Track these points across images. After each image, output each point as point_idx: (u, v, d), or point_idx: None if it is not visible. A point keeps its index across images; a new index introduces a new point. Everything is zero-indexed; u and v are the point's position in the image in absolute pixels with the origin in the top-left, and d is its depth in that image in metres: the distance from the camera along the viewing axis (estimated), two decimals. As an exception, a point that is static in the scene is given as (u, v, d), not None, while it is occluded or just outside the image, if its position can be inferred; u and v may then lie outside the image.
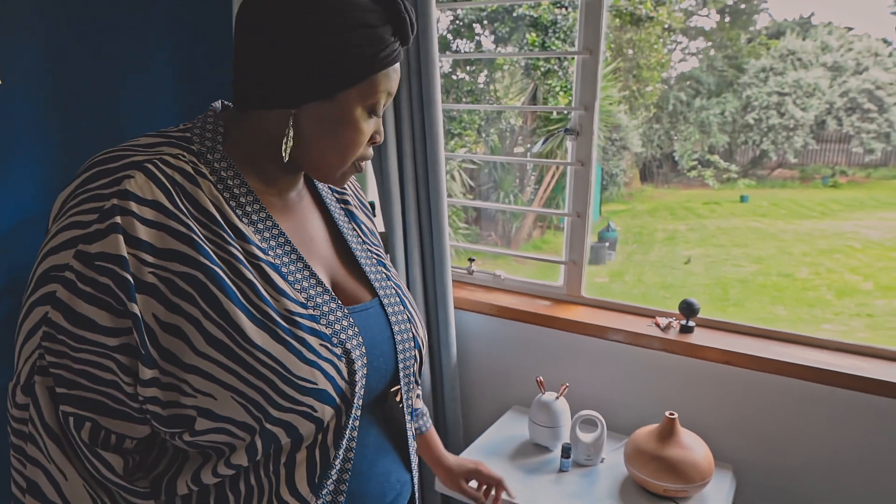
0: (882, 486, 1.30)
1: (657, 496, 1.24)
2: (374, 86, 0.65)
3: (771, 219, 9.05)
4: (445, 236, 1.62)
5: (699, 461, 1.21)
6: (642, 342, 1.49)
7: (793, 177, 11.59)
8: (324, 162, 0.67)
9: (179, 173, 0.62)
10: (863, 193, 10.23)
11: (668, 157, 11.99)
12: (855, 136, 10.66)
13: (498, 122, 6.59)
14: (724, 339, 1.45)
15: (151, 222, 0.58)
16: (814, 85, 10.96)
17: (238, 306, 0.59)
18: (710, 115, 11.52)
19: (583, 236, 1.67)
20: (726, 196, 10.72)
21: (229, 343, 0.59)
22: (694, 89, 11.98)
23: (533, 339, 1.67)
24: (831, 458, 1.34)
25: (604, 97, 7.93)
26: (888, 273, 6.45)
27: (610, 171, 10.44)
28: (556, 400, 1.40)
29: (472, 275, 1.86)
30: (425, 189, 1.62)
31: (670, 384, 1.50)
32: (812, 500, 1.37)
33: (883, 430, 1.28)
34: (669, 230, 8.88)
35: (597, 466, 1.35)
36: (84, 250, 0.56)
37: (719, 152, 11.30)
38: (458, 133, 6.06)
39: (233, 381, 0.59)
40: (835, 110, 10.88)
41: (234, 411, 0.59)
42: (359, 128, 0.66)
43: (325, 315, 0.66)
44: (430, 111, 1.55)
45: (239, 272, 0.61)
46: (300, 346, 0.61)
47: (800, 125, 11.04)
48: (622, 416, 1.55)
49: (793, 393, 1.36)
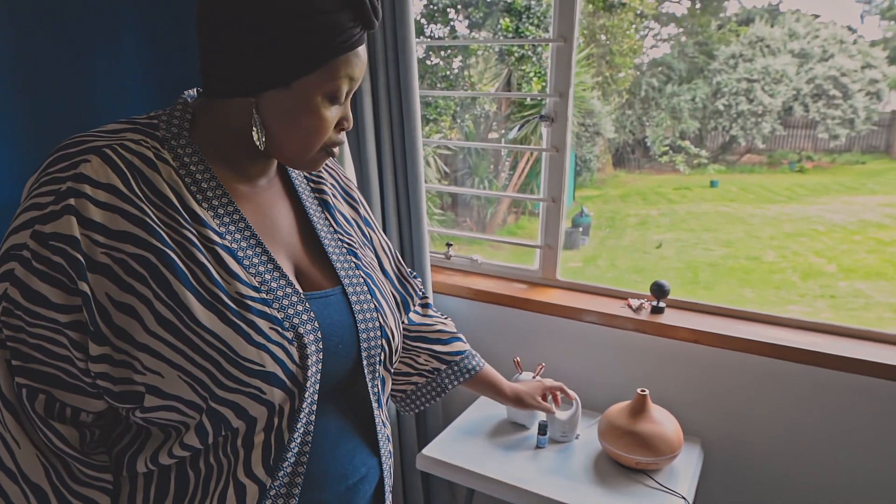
0: (842, 458, 1.37)
1: (630, 469, 1.29)
2: (333, 72, 0.65)
3: (740, 203, 9.25)
4: (424, 222, 1.64)
5: (669, 435, 1.27)
6: (615, 323, 1.54)
7: (761, 162, 11.83)
8: (289, 149, 0.68)
9: (139, 158, 0.64)
10: (828, 178, 10.51)
11: (640, 142, 12.14)
12: (821, 122, 10.92)
13: (472, 107, 6.59)
14: (692, 319, 1.51)
15: (105, 204, 0.60)
16: (781, 71, 11.17)
17: (188, 288, 0.62)
18: (682, 101, 11.68)
19: (558, 221, 1.71)
20: (697, 181, 10.91)
21: (177, 323, 0.61)
22: (665, 75, 12.12)
23: (510, 322, 1.71)
24: (793, 430, 1.41)
25: (577, 83, 7.98)
26: (850, 255, 6.67)
27: (583, 157, 10.53)
28: (533, 379, 1.44)
29: (449, 259, 1.89)
30: (403, 175, 1.64)
31: (642, 363, 1.55)
32: (775, 469, 1.44)
33: (842, 405, 1.35)
34: (641, 215, 9.02)
35: (572, 443, 1.40)
36: (39, 230, 0.59)
37: (690, 138, 11.48)
38: (433, 119, 6.05)
39: (179, 360, 0.61)
40: (801, 97, 11.12)
41: (181, 389, 0.61)
42: (320, 115, 0.66)
43: (279, 300, 0.67)
44: (408, 97, 1.56)
45: (192, 255, 0.63)
46: (248, 329, 0.63)
47: (768, 111, 11.26)
48: (596, 393, 1.61)
49: (757, 369, 1.42)
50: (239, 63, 0.63)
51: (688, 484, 1.26)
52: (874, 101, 11.20)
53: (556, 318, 1.64)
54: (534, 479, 1.25)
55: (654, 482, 1.25)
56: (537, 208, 2.23)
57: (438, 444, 1.38)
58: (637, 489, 1.23)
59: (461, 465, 1.30)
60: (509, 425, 1.47)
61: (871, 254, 6.61)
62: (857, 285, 5.94)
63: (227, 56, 0.64)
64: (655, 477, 1.27)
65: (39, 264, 0.59)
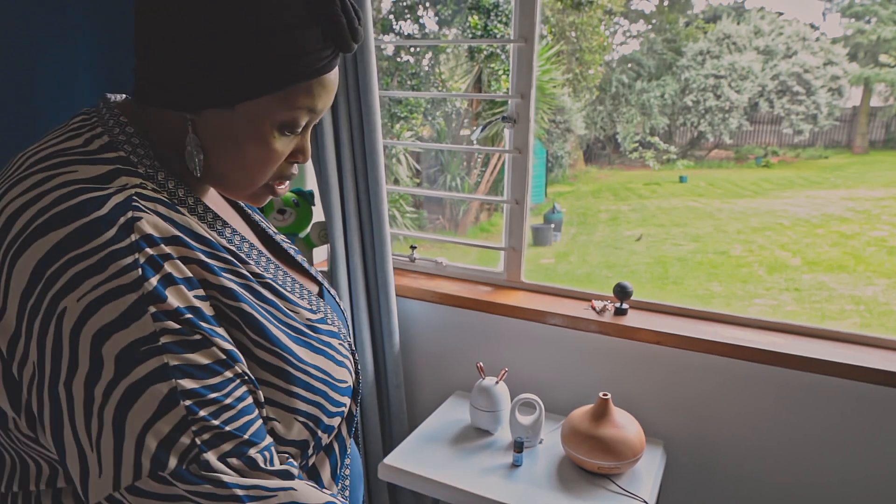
0: (806, 458, 1.39)
1: (592, 474, 1.29)
2: (290, 101, 0.55)
3: (708, 198, 9.41)
4: (385, 224, 1.61)
5: (631, 439, 1.26)
6: (579, 325, 1.54)
7: (728, 157, 12.06)
8: (228, 179, 0.60)
9: (162, 205, 0.55)
10: (792, 173, 10.76)
11: (610, 139, 12.27)
12: (785, 118, 11.17)
13: (444, 105, 6.57)
14: (655, 321, 1.51)
15: (186, 259, 0.54)
16: (747, 68, 11.39)
17: (280, 329, 0.59)
18: (651, 97, 11.83)
19: (521, 223, 1.70)
20: (666, 177, 11.07)
21: (285, 366, 0.58)
22: (635, 72, 12.26)
23: (474, 325, 1.69)
24: (757, 431, 1.42)
25: (547, 80, 8.01)
26: (814, 248, 6.83)
27: (555, 154, 10.60)
28: (496, 384, 1.43)
29: (414, 262, 1.86)
30: (364, 178, 1.61)
31: (605, 365, 1.55)
32: (738, 470, 1.45)
33: (805, 405, 1.37)
34: (612, 211, 9.12)
35: (536, 447, 1.39)
36: (160, 310, 0.50)
37: (659, 134, 11.64)
38: (403, 116, 6.02)
39: (295, 404, 0.58)
40: (767, 93, 11.35)
41: (298, 433, 0.59)
42: (268, 146, 0.57)
43: (327, 314, 0.67)
44: (367, 99, 1.53)
45: (258, 293, 0.59)
46: (331, 352, 0.63)
47: (735, 107, 11.47)
48: (560, 397, 1.60)
49: (720, 370, 1.43)
50: (175, 71, 0.54)
51: (650, 487, 1.25)
52: (836, 96, 11.50)
53: (521, 321, 1.62)
54: (497, 486, 1.24)
55: (617, 486, 1.24)
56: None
57: (400, 452, 1.36)
58: (600, 494, 1.22)
59: (424, 474, 1.28)
60: (473, 430, 1.45)
61: (833, 247, 6.78)
62: (821, 278, 6.08)
63: (163, 59, 0.54)
64: (618, 481, 1.26)
65: (189, 340, 0.52)
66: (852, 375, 1.29)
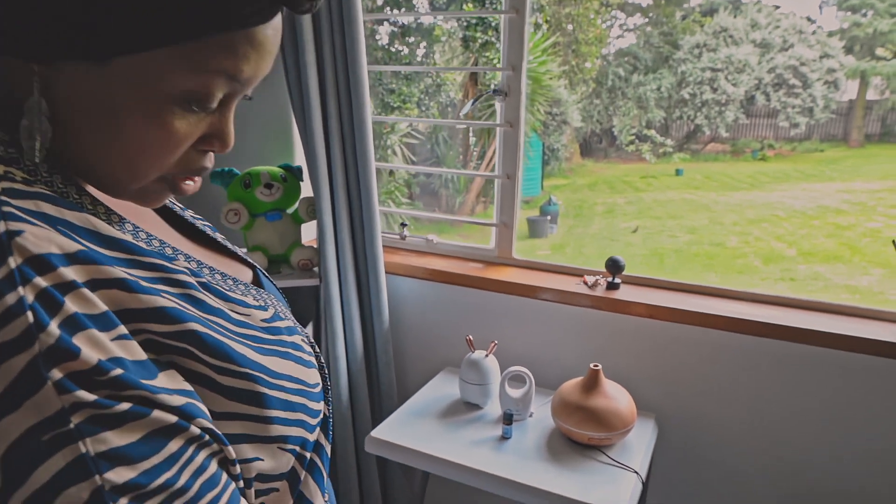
0: (799, 431, 1.37)
1: (583, 445, 1.27)
2: (198, 60, 0.38)
3: (704, 191, 9.40)
4: (374, 199, 1.58)
5: (622, 410, 1.24)
6: (570, 300, 1.52)
7: (724, 150, 12.05)
8: (100, 170, 0.42)
9: (45, 202, 0.38)
10: (788, 166, 10.75)
11: (607, 132, 12.24)
12: (781, 111, 11.15)
13: (438, 95, 6.54)
14: (648, 295, 1.49)
15: (96, 283, 0.37)
16: (744, 61, 11.37)
17: (240, 343, 0.44)
18: (648, 90, 11.81)
19: (513, 198, 1.68)
20: (662, 170, 11.06)
21: (259, 388, 0.44)
22: (632, 65, 12.22)
23: (464, 301, 1.67)
24: (749, 404, 1.40)
25: (544, 72, 7.98)
26: (809, 240, 6.83)
27: (551, 146, 10.57)
28: (486, 358, 1.41)
29: (404, 240, 1.84)
30: (352, 152, 1.58)
31: (597, 339, 1.53)
32: (730, 442, 1.43)
33: (799, 377, 1.35)
34: (608, 203, 9.10)
35: (526, 421, 1.37)
36: (68, 373, 0.33)
37: (656, 127, 11.62)
38: (397, 106, 5.98)
39: (277, 430, 0.45)
40: (763, 86, 11.33)
41: (287, 463, 0.47)
42: (163, 125, 0.39)
43: (276, 307, 0.54)
44: (356, 70, 1.50)
45: (204, 305, 0.44)
46: (298, 353, 0.50)
47: (731, 100, 11.45)
48: (551, 372, 1.58)
49: (713, 343, 1.41)
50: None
51: (641, 459, 1.23)
52: (832, 89, 11.48)
53: (512, 297, 1.60)
54: (486, 458, 1.22)
55: (608, 458, 1.23)
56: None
57: (388, 425, 1.34)
58: (590, 465, 1.20)
59: (411, 446, 1.26)
60: (463, 405, 1.43)
61: (829, 238, 6.78)
62: (816, 268, 6.07)
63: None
64: (609, 452, 1.25)
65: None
66: (851, 347, 1.27)
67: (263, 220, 1.63)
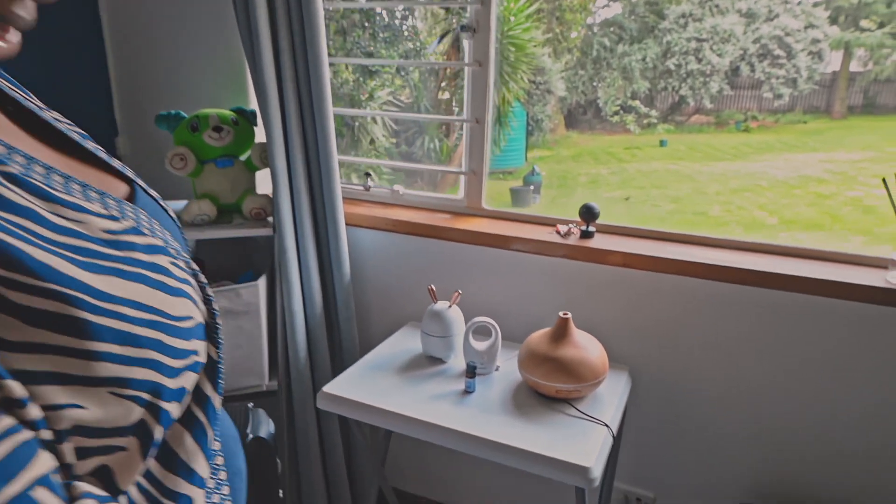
0: (783, 381, 1.30)
1: (551, 399, 1.19)
2: None
3: (688, 162, 9.33)
4: (331, 143, 1.47)
5: (592, 360, 1.16)
6: (543, 250, 1.43)
7: (709, 122, 11.96)
8: None
9: None
10: (772, 137, 10.70)
11: (592, 103, 12.10)
12: (766, 82, 11.08)
13: (418, 59, 6.35)
14: (623, 243, 1.41)
15: None
16: (729, 31, 11.24)
17: (49, 252, 0.34)
18: (633, 61, 11.65)
19: (482, 144, 1.57)
20: (646, 141, 10.96)
21: (73, 311, 0.34)
22: (617, 35, 12.04)
23: (431, 254, 1.57)
24: (729, 355, 1.33)
25: (528, 38, 7.80)
26: (791, 209, 6.82)
27: (535, 117, 10.42)
28: (449, 308, 1.31)
29: (368, 191, 1.73)
30: (308, 93, 1.46)
31: (570, 290, 1.44)
32: (707, 394, 1.36)
33: (779, 325, 1.28)
34: (592, 174, 9.00)
35: (491, 374, 1.28)
36: None
37: (641, 98, 11.49)
38: (375, 70, 5.79)
39: (105, 370, 0.35)
40: (748, 56, 11.22)
41: (125, 414, 0.37)
42: None
43: (141, 221, 0.45)
44: (309, 4, 1.38)
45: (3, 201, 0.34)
46: (157, 275, 0.41)
47: (716, 71, 11.34)
48: (521, 326, 1.50)
49: (690, 292, 1.33)
50: None
51: (612, 412, 1.16)
52: (816, 60, 11.41)
53: (480, 248, 1.51)
54: (446, 413, 1.13)
55: (577, 411, 1.15)
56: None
57: (343, 380, 1.25)
58: (558, 419, 1.12)
59: (367, 401, 1.17)
60: (425, 360, 1.35)
61: (810, 207, 6.76)
62: (798, 236, 6.06)
63: None
64: (578, 406, 1.17)
65: None
66: (838, 293, 1.20)
67: (213, 167, 1.52)
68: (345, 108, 5.22)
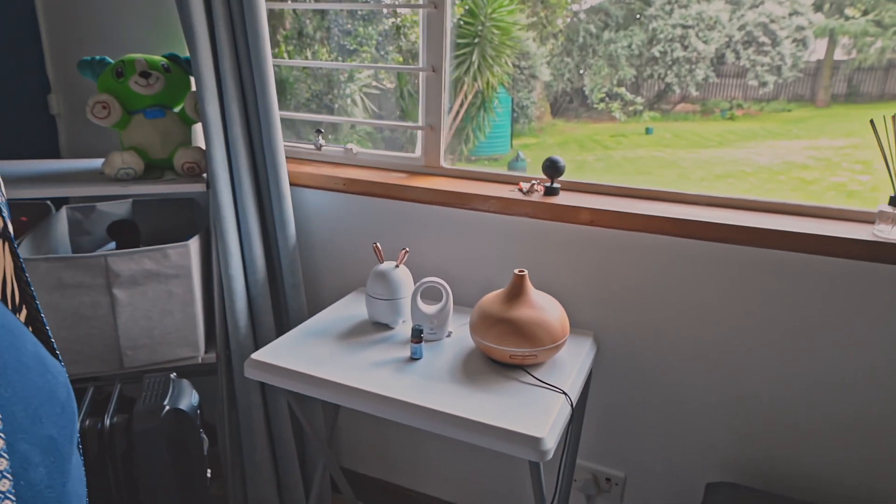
0: (749, 343, 1.19)
1: (505, 365, 1.07)
2: None
3: (673, 149, 9.31)
4: (270, 88, 1.33)
5: (550, 322, 1.04)
6: (504, 208, 1.30)
7: (694, 111, 11.98)
8: None
9: None
10: (756, 125, 10.70)
11: (578, 91, 12.05)
12: (751, 69, 11.09)
13: (398, 39, 6.21)
14: (589, 200, 1.29)
15: None
16: (715, 18, 11.23)
17: None
18: (618, 48, 11.61)
19: (439, 95, 1.44)
20: (632, 129, 10.92)
21: None
22: (603, 22, 11.97)
23: (384, 214, 1.44)
24: (699, 317, 1.22)
25: (512, 21, 7.68)
26: (774, 194, 6.73)
27: (520, 103, 10.34)
28: (395, 268, 1.19)
29: (320, 151, 1.60)
30: (242, 30, 1.31)
31: (532, 252, 1.33)
32: (677, 360, 1.25)
33: (757, 285, 1.17)
34: (577, 161, 8.93)
35: (442, 341, 1.16)
36: None
37: (627, 86, 11.46)
38: (353, 49, 5.65)
39: None
40: (733, 43, 11.22)
41: None
42: None
43: None
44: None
45: None
46: None
47: (701, 58, 11.34)
48: (479, 291, 1.38)
49: (661, 251, 1.22)
50: None
51: (572, 379, 1.04)
52: (800, 48, 11.44)
53: (436, 208, 1.39)
54: (387, 382, 1.01)
55: (533, 378, 1.03)
56: (473, 154, 2.02)
57: (274, 348, 1.12)
58: (511, 386, 1.00)
59: (299, 369, 1.04)
60: (370, 326, 1.22)
61: (794, 192, 6.72)
62: (781, 220, 6.02)
63: None
64: (536, 373, 1.05)
65: None
66: (817, 248, 1.09)
67: (142, 118, 1.37)
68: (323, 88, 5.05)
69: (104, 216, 1.57)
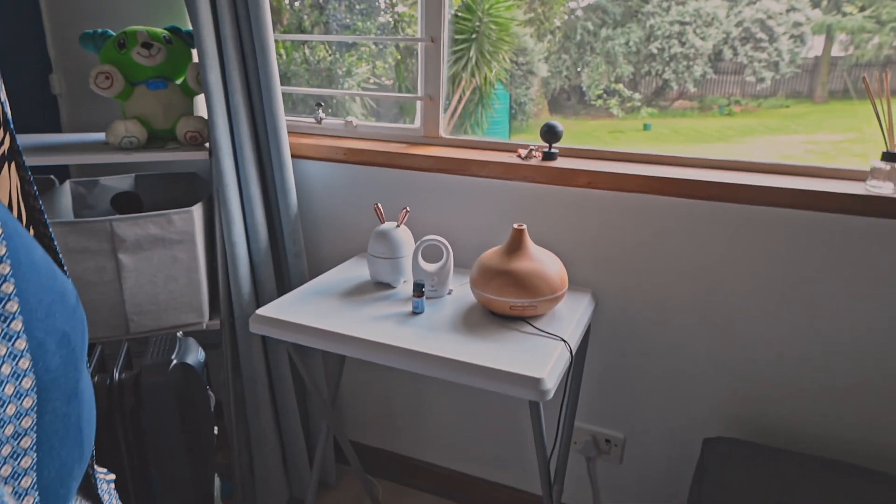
0: (747, 302, 1.21)
1: (505, 317, 1.09)
2: None
3: (671, 144, 9.35)
4: (271, 58, 1.35)
5: (548, 273, 1.06)
6: (502, 173, 1.32)
7: (692, 107, 12.01)
8: None
9: None
10: (754, 121, 10.73)
11: (576, 89, 12.08)
12: (748, 66, 11.12)
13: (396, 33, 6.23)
14: (587, 164, 1.31)
15: None
16: (712, 14, 11.26)
17: None
18: (616, 45, 11.64)
19: (438, 66, 1.46)
20: (630, 125, 10.97)
21: None
22: (601, 19, 12.01)
23: (384, 183, 1.46)
24: (696, 277, 1.24)
25: (509, 17, 7.71)
26: (773, 185, 6.79)
27: (518, 100, 10.37)
28: (397, 228, 1.21)
29: (320, 123, 1.62)
30: (245, 14, 1.33)
31: (532, 216, 1.34)
32: (675, 317, 1.27)
33: (753, 242, 1.19)
34: (575, 156, 8.97)
35: (444, 298, 1.18)
36: None
37: (624, 83, 11.49)
38: (352, 43, 5.67)
39: None
40: (731, 40, 11.26)
41: None
42: None
43: None
44: None
45: None
46: None
47: (699, 54, 11.37)
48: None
49: (659, 211, 1.24)
50: None
51: (571, 329, 1.06)
52: (798, 44, 11.48)
53: (436, 175, 1.41)
54: (388, 331, 1.03)
55: (532, 327, 1.05)
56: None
57: (279, 304, 1.14)
58: (511, 336, 1.02)
59: (304, 322, 1.06)
60: (372, 286, 1.24)
61: (792, 184, 6.75)
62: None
63: None
64: (536, 323, 1.07)
65: None
66: (813, 205, 1.11)
67: (144, 89, 1.39)
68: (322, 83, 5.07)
69: (107, 190, 1.59)
